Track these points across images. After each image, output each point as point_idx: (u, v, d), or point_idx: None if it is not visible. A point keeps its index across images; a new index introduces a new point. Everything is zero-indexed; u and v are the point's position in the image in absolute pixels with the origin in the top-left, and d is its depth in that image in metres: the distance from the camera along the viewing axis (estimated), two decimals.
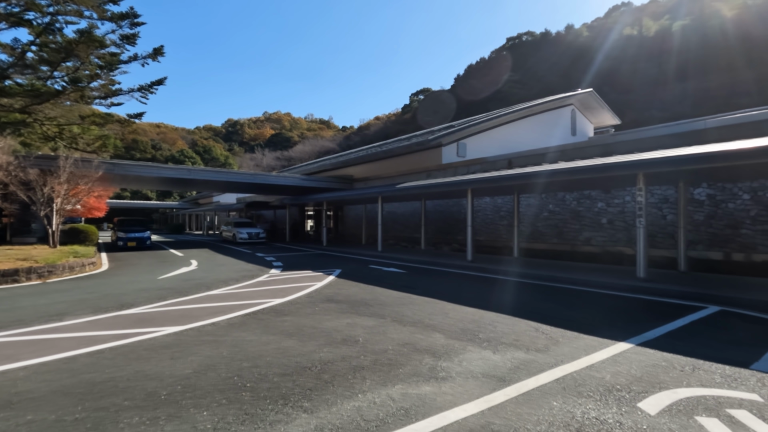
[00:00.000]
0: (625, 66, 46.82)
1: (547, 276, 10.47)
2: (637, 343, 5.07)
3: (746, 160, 7.64)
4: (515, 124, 22.81)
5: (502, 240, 16.73)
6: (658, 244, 12.00)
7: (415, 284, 9.72)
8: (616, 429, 3.02)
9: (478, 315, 6.57)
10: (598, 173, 10.03)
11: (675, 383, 3.85)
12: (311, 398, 3.53)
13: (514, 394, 3.61)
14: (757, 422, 3.12)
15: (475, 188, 13.75)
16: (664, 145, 12.13)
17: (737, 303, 7.29)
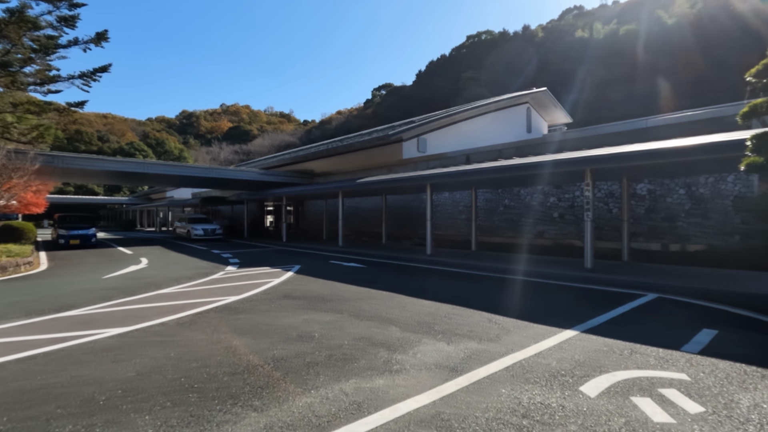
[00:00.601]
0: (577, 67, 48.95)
1: (503, 268, 10.81)
2: (581, 330, 5.33)
3: (681, 157, 8.20)
4: (474, 121, 23.31)
5: (461, 234, 17.09)
6: (604, 237, 12.69)
7: (375, 279, 9.74)
8: (559, 412, 3.16)
9: (435, 308, 6.67)
10: (549, 169, 10.44)
11: (614, 366, 4.08)
12: (262, 397, 3.44)
13: (466, 384, 3.69)
14: (684, 399, 3.37)
15: (435, 183, 13.94)
16: (610, 143, 12.79)
17: (672, 290, 7.84)
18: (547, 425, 2.96)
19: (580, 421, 3.02)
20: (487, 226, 16.15)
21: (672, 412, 3.14)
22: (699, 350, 4.54)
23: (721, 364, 4.12)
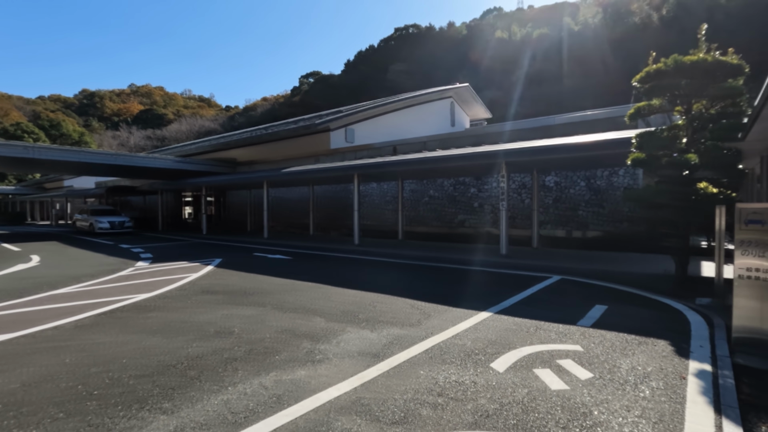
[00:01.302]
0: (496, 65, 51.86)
1: (427, 256, 11.23)
2: (495, 312, 5.74)
3: (581, 152, 9.10)
4: (401, 113, 23.72)
5: (388, 224, 17.41)
6: (518, 225, 13.71)
7: (301, 270, 9.59)
8: (471, 388, 3.38)
9: (360, 297, 6.74)
10: (470, 161, 11.00)
11: (521, 343, 4.45)
12: (173, 398, 3.24)
13: (387, 368, 3.79)
14: (578, 368, 3.78)
15: (362, 174, 14.00)
16: (524, 138, 13.79)
17: (573, 272, 8.72)
18: (460, 401, 3.16)
19: (489, 394, 3.26)
20: (414, 216, 16.63)
21: (567, 380, 3.51)
22: (591, 324, 5.12)
23: (608, 335, 4.68)
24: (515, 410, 3.00)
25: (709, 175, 6.93)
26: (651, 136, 6.90)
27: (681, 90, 6.78)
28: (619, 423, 2.83)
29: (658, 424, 2.81)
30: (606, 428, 2.76)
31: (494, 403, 3.11)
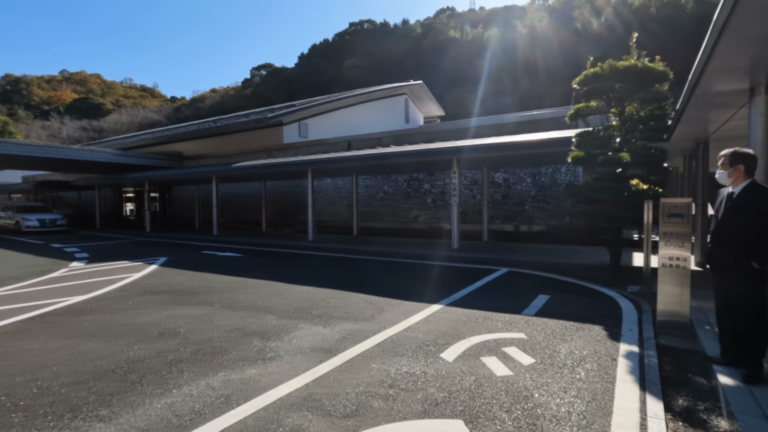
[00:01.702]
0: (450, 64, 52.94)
1: (381, 251, 11.32)
2: (446, 304, 5.90)
3: (527, 150, 9.53)
4: (355, 108, 23.63)
5: (343, 220, 17.35)
6: (469, 220, 14.15)
7: (252, 267, 9.34)
8: (422, 378, 3.47)
9: (313, 293, 6.69)
10: (424, 157, 11.19)
11: (470, 333, 4.62)
12: (111, 404, 3.06)
13: (339, 363, 3.80)
14: (521, 354, 3.98)
15: (316, 169, 13.84)
16: (475, 136, 14.22)
17: (520, 264, 9.14)
18: (410, 391, 3.23)
19: (439, 383, 3.36)
20: (368, 212, 16.68)
21: (511, 366, 3.70)
22: (535, 313, 5.40)
23: (550, 323, 4.97)
24: (463, 397, 3.12)
25: (639, 172, 7.51)
26: (589, 136, 7.37)
27: (615, 93, 7.28)
28: (557, 403, 3.02)
29: (591, 403, 3.03)
30: (545, 409, 2.94)
31: (443, 392, 3.21)
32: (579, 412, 2.91)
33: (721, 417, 2.86)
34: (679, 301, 4.51)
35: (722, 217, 3.27)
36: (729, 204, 3.25)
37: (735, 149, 3.25)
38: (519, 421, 2.78)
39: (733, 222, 3.20)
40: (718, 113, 5.83)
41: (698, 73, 4.03)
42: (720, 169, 3.32)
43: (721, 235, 3.29)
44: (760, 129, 4.22)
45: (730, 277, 3.25)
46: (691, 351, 4.10)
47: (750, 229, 3.07)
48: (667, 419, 2.84)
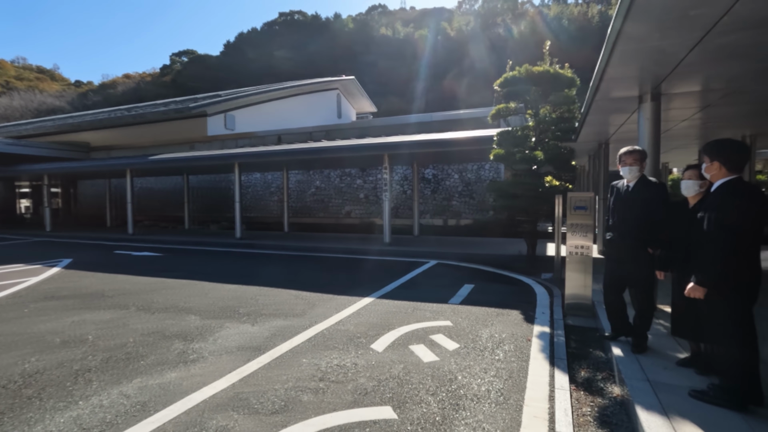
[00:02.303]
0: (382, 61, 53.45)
1: (313, 247, 11.19)
2: (377, 296, 6.01)
3: (454, 147, 9.97)
4: (286, 101, 23.00)
5: (273, 216, 16.85)
6: (400, 215, 14.48)
7: (173, 267, 8.75)
8: (352, 370, 3.51)
9: (241, 291, 6.44)
10: (355, 153, 11.22)
11: (400, 323, 4.76)
12: (2, 423, 2.72)
13: (268, 360, 3.72)
14: (447, 341, 4.19)
15: (244, 163, 13.28)
16: (406, 132, 14.54)
17: (448, 256, 9.56)
18: (341, 383, 3.26)
19: (369, 373, 3.43)
20: (300, 207, 16.37)
21: (437, 352, 3.87)
22: (460, 301, 5.70)
23: (474, 310, 5.28)
24: (392, 385, 3.22)
25: (552, 169, 8.20)
26: (508, 135, 7.90)
27: (531, 95, 7.87)
28: (478, 384, 3.23)
29: (508, 380, 3.29)
30: (467, 390, 3.13)
31: (373, 381, 3.28)
32: (497, 389, 3.14)
33: (614, 384, 3.25)
34: (583, 285, 5.02)
35: (621, 209, 3.65)
36: (626, 197, 3.65)
37: (637, 148, 3.64)
38: (443, 403, 2.93)
39: (632, 213, 3.56)
40: (615, 117, 6.55)
41: (598, 80, 4.50)
42: (622, 165, 3.64)
43: (622, 226, 3.64)
44: (647, 131, 4.82)
45: (630, 265, 3.60)
46: (592, 329, 4.60)
47: (646, 219, 3.48)
48: (571, 390, 3.17)
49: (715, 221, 2.52)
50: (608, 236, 3.79)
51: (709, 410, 2.54)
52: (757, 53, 3.64)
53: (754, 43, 3.37)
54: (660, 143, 4.96)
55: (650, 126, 4.80)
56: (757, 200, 2.48)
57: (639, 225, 3.50)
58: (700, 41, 3.28)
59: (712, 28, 3.04)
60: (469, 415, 2.77)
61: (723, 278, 2.50)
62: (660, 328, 4.13)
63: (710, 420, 2.43)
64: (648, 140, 4.76)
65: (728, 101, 5.45)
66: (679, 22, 2.99)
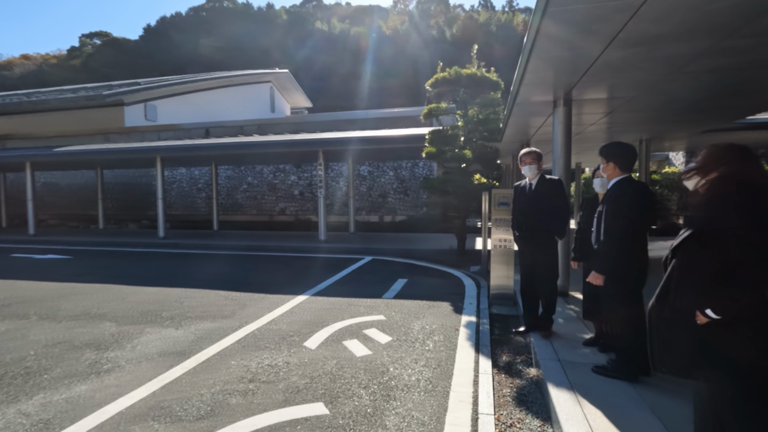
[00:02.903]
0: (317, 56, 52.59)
1: (245, 246, 10.78)
2: (311, 294, 5.95)
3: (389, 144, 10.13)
4: (215, 92, 21.80)
5: (201, 214, 15.96)
6: (336, 211, 14.42)
7: (84, 271, 7.97)
8: (284, 369, 3.46)
9: (164, 294, 6.04)
10: (289, 148, 10.97)
11: (334, 320, 4.76)
12: None
13: (194, 365, 3.54)
14: (380, 334, 4.27)
15: (168, 157, 12.41)
16: (341, 129, 14.48)
17: (383, 252, 9.71)
18: (272, 383, 3.20)
19: (301, 371, 3.40)
20: (231, 205, 15.67)
21: (370, 346, 3.94)
22: (394, 296, 5.83)
23: (407, 303, 5.43)
24: (324, 381, 3.22)
25: (480, 168, 8.66)
26: (439, 134, 8.20)
27: (459, 96, 8.23)
28: (409, 374, 3.35)
29: (437, 369, 3.44)
30: (399, 380, 3.23)
31: (305, 378, 3.26)
32: (426, 378, 3.27)
33: (531, 366, 3.54)
34: (506, 276, 5.38)
35: (528, 205, 3.91)
36: (531, 194, 3.91)
37: (534, 149, 3.97)
38: (375, 395, 3.00)
39: (536, 208, 3.86)
40: (534, 120, 7.07)
41: (517, 85, 4.83)
42: (523, 165, 3.93)
43: (529, 221, 3.92)
44: (560, 134, 5.27)
45: (538, 255, 3.92)
46: (514, 316, 4.95)
47: (549, 212, 3.81)
48: (494, 373, 3.39)
49: (611, 213, 2.84)
50: (516, 233, 4.08)
51: (608, 382, 2.86)
52: (647, 67, 4.13)
53: (645, 58, 3.83)
54: (571, 144, 5.45)
55: (563, 129, 5.25)
56: (644, 195, 2.83)
57: (543, 218, 3.80)
58: (602, 54, 3.65)
59: (610, 43, 3.40)
60: (399, 405, 2.86)
61: (617, 266, 2.83)
62: (571, 313, 4.56)
63: (608, 390, 2.74)
64: (561, 142, 5.21)
65: (628, 108, 6.11)
66: (583, 37, 3.31)
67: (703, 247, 1.67)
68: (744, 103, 5.92)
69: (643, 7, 2.77)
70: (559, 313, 4.52)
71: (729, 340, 1.61)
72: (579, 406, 2.55)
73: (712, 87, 4.94)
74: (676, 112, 6.48)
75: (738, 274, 1.57)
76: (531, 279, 4.00)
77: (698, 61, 3.93)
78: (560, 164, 5.22)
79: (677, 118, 6.97)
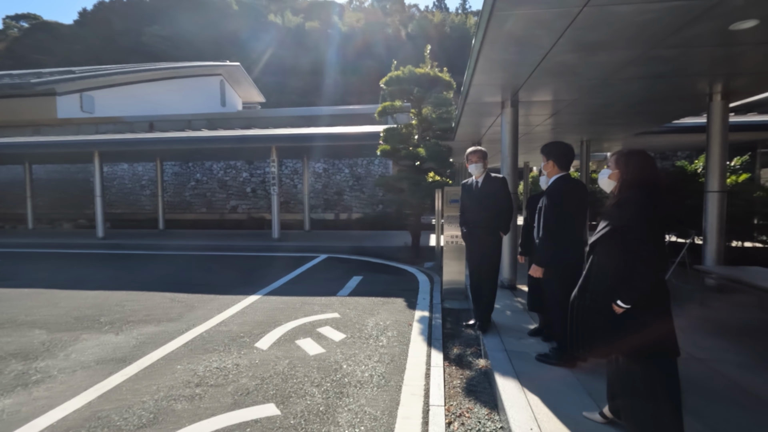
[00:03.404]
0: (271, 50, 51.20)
1: (194, 245, 10.33)
2: (264, 294, 5.82)
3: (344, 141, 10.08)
4: (160, 84, 20.65)
5: (146, 212, 15.11)
6: (291, 209, 14.16)
7: (10, 275, 7.31)
8: (234, 371, 3.36)
9: (103, 297, 5.67)
10: (241, 144, 10.62)
11: (287, 319, 4.68)
12: None
13: (135, 371, 3.36)
14: (335, 332, 4.26)
15: (107, 152, 11.62)
16: (295, 125, 14.22)
17: (338, 250, 9.66)
18: (220, 386, 3.10)
19: (252, 372, 3.32)
20: (178, 203, 14.94)
21: (324, 344, 3.92)
22: (348, 293, 5.83)
23: (361, 300, 5.44)
24: (276, 381, 3.16)
25: (433, 166, 8.81)
26: (394, 132, 8.26)
27: (413, 95, 8.34)
28: (362, 370, 3.36)
29: (390, 364, 3.48)
30: (352, 377, 3.23)
31: (256, 380, 3.19)
32: (380, 373, 3.30)
33: (481, 357, 3.67)
34: (458, 271, 5.52)
35: (474, 202, 3.99)
36: (477, 191, 3.99)
37: (480, 147, 4.08)
38: (328, 392, 2.99)
39: (482, 205, 3.94)
40: (485, 120, 7.31)
41: (467, 86, 4.98)
42: (469, 163, 4.01)
43: (475, 218, 3.98)
44: (508, 134, 5.49)
45: (484, 251, 3.98)
46: (465, 310, 5.10)
47: (494, 209, 3.90)
48: (445, 366, 3.49)
49: (548, 209, 3.00)
50: (464, 229, 4.13)
51: (550, 369, 3.03)
52: (586, 72, 4.39)
53: (582, 63, 4.07)
54: (518, 144, 5.69)
55: (511, 129, 5.47)
56: (581, 192, 3.03)
57: (489, 215, 3.89)
58: (544, 58, 3.84)
59: (551, 48, 3.58)
60: (352, 401, 2.87)
61: (552, 259, 3.00)
62: (518, 305, 4.77)
63: (549, 377, 2.90)
64: (509, 141, 5.42)
65: (570, 110, 6.47)
66: (527, 41, 3.46)
67: (614, 243, 1.97)
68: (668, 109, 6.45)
69: (581, 15, 2.94)
70: (507, 306, 4.72)
71: (636, 325, 1.89)
72: (523, 394, 2.68)
73: (642, 93, 5.34)
74: (612, 116, 6.94)
75: (639, 266, 1.86)
76: (479, 274, 4.10)
77: (630, 68, 4.23)
78: (508, 163, 5.43)
79: (613, 121, 7.47)
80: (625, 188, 2.01)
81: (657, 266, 1.87)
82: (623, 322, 1.91)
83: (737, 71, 4.43)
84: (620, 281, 1.91)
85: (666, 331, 1.88)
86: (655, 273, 1.87)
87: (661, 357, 1.90)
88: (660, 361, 1.90)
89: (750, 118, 8.79)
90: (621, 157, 2.06)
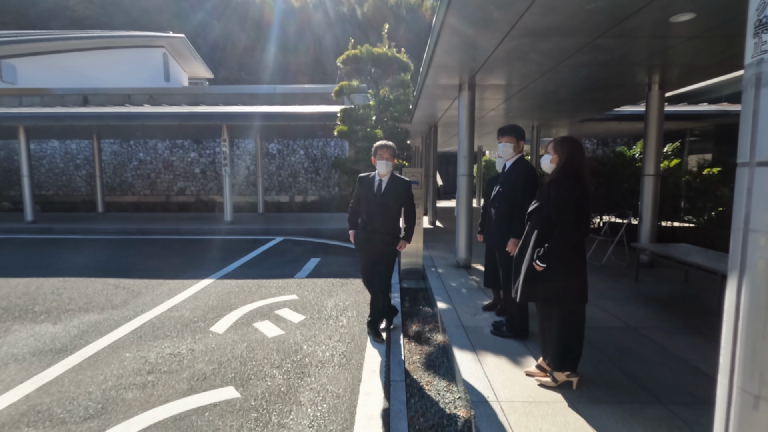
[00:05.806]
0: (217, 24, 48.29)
1: (136, 229, 9.74)
2: (217, 277, 5.62)
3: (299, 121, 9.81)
4: (94, 54, 18.90)
5: (81, 194, 13.99)
6: (243, 191, 13.67)
7: None
8: (188, 356, 3.24)
9: (35, 285, 5.23)
10: (187, 121, 10.04)
11: (242, 302, 4.56)
12: None
13: (78, 361, 3.15)
14: (293, 314, 4.21)
15: (32, 126, 10.55)
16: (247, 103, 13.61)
17: (294, 233, 9.50)
18: (174, 372, 2.98)
19: (208, 357, 3.22)
20: (119, 184, 13.96)
21: (283, 326, 3.87)
22: (306, 275, 5.77)
23: (319, 282, 5.41)
24: (234, 365, 3.09)
25: None
26: (351, 112, 8.15)
27: (371, 76, 8.24)
28: (322, 350, 3.36)
29: (350, 343, 3.50)
30: (312, 357, 3.23)
31: (212, 364, 3.10)
32: (340, 353, 3.32)
33: (438, 333, 3.78)
34: (416, 253, 5.62)
35: (375, 206, 3.42)
36: (380, 194, 3.41)
37: (392, 144, 3.51)
38: (288, 373, 2.96)
39: (386, 210, 3.42)
40: (442, 102, 7.38)
41: (426, 67, 4.99)
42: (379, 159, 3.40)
43: (375, 222, 3.42)
44: (464, 117, 5.58)
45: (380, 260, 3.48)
46: (423, 289, 5.22)
47: (397, 214, 3.48)
48: (404, 342, 3.57)
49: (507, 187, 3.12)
50: (360, 233, 3.53)
51: (503, 342, 3.19)
52: (537, 58, 4.53)
53: (536, 49, 4.19)
54: (474, 128, 5.81)
55: (467, 112, 5.56)
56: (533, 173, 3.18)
57: (390, 220, 3.47)
58: (501, 42, 3.91)
59: (509, 32, 3.66)
60: (313, 381, 2.87)
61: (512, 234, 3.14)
62: (472, 283, 4.95)
63: (502, 348, 3.06)
64: (466, 124, 5.52)
65: (522, 96, 6.68)
66: (486, 23, 3.50)
67: (542, 215, 2.44)
68: (609, 97, 6.84)
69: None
70: (462, 284, 4.89)
71: (551, 280, 2.40)
72: (480, 365, 2.80)
73: (588, 81, 5.62)
74: (560, 102, 7.26)
75: (556, 234, 2.33)
76: (372, 273, 3.57)
77: (577, 56, 4.42)
78: (465, 146, 5.54)
79: (561, 107, 7.81)
80: (559, 169, 2.42)
81: (571, 236, 2.30)
82: (544, 275, 2.41)
83: (673, 62, 4.77)
84: (541, 245, 2.40)
85: (577, 285, 2.38)
86: (568, 241, 2.31)
87: (571, 304, 2.40)
88: (570, 306, 2.41)
89: (681, 108, 9.54)
90: (557, 144, 2.47)
